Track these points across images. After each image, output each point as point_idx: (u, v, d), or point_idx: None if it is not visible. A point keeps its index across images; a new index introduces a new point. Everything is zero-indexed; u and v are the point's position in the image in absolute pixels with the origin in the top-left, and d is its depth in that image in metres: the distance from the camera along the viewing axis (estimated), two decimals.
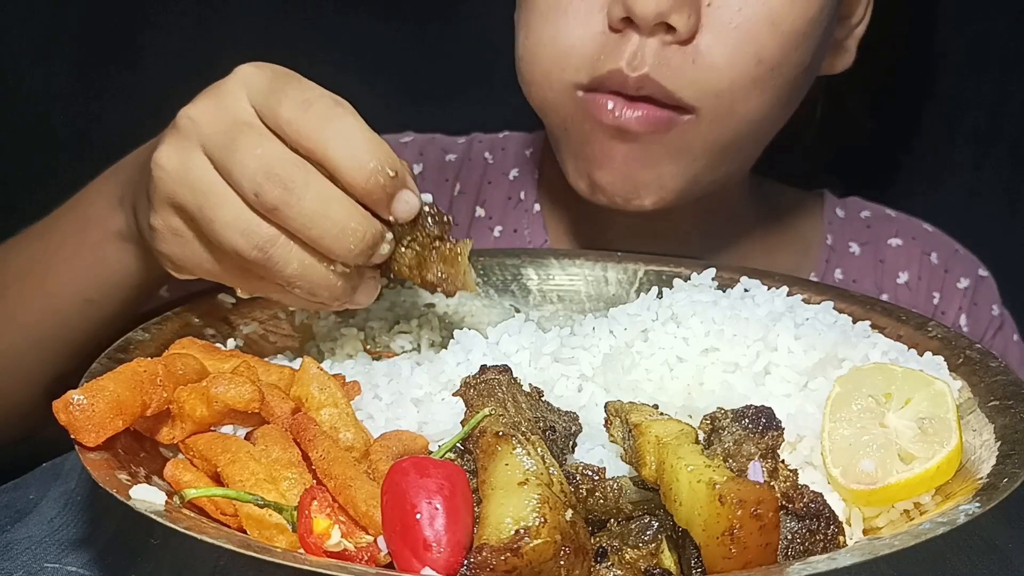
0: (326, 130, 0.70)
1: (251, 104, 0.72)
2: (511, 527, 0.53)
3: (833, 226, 1.18)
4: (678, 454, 0.58)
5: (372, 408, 0.74)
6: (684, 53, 0.88)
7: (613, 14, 0.88)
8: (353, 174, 0.70)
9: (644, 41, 0.88)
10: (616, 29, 0.89)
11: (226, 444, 0.65)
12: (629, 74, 0.88)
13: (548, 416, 0.66)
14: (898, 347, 0.77)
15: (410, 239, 0.76)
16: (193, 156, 0.72)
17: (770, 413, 0.61)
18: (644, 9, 0.86)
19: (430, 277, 0.76)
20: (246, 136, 0.71)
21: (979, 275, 1.17)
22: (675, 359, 0.73)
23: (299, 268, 0.72)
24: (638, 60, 0.88)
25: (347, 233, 0.71)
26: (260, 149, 0.70)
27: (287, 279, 0.72)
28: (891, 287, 1.15)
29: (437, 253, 0.76)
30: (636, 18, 0.87)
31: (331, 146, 0.70)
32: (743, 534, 0.53)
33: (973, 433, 0.68)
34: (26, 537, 0.68)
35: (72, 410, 0.62)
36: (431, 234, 0.76)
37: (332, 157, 0.70)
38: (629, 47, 0.88)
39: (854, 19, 1.02)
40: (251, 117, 0.72)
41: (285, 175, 0.70)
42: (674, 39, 0.88)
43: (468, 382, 0.67)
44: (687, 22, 0.87)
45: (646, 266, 0.94)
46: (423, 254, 0.76)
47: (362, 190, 0.71)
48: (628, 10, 0.87)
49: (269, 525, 0.59)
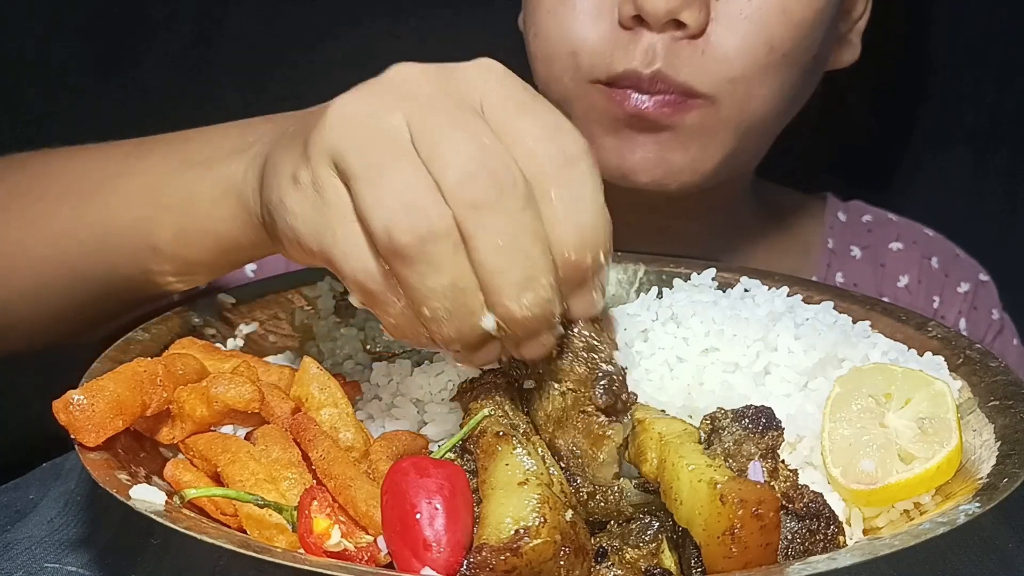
0: (561, 175, 0.59)
1: (482, 96, 0.60)
2: (511, 527, 0.53)
3: (835, 230, 1.18)
4: (680, 452, 0.58)
5: (372, 408, 0.74)
6: (694, 46, 0.90)
7: (624, 12, 0.89)
8: (568, 238, 0.59)
9: (655, 38, 0.89)
10: (627, 27, 0.90)
11: (226, 444, 0.65)
12: (643, 71, 0.90)
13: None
14: (898, 347, 0.77)
15: (569, 388, 0.62)
16: (391, 113, 0.59)
17: (770, 413, 0.61)
18: (655, 7, 0.87)
19: (560, 443, 0.61)
20: (471, 121, 0.58)
21: (979, 280, 1.18)
22: (675, 359, 0.73)
23: (450, 286, 0.57)
24: (650, 57, 0.89)
25: (531, 284, 0.57)
26: (486, 140, 0.57)
27: (429, 291, 0.57)
28: (891, 291, 1.16)
29: (585, 423, 0.61)
30: (647, 16, 0.88)
31: (558, 194, 0.59)
32: (744, 534, 0.53)
33: (973, 433, 0.68)
34: (26, 537, 0.68)
35: (72, 410, 0.62)
36: (596, 402, 0.61)
37: (555, 208, 0.58)
38: (641, 44, 0.90)
39: (855, 13, 1.04)
40: (478, 107, 0.59)
41: (503, 178, 0.56)
42: (684, 35, 0.89)
43: (464, 387, 0.67)
44: (697, 18, 0.88)
45: (646, 266, 0.94)
46: (572, 413, 0.61)
47: (565, 260, 0.59)
48: (639, 8, 0.88)
49: (269, 525, 0.59)
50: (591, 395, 0.62)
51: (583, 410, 0.62)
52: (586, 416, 0.62)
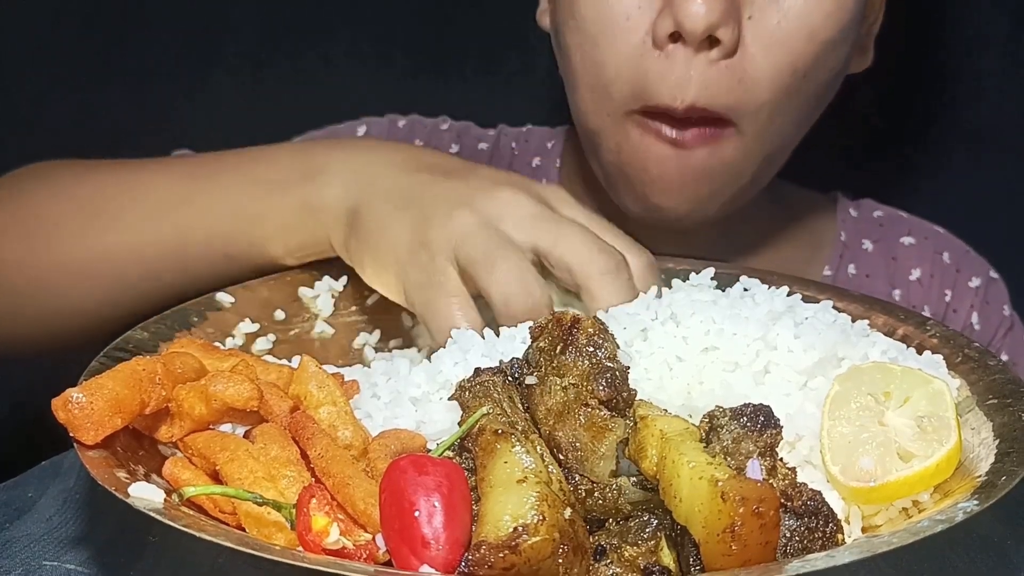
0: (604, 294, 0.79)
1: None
2: (509, 524, 0.53)
3: (846, 224, 1.19)
4: (680, 450, 0.58)
5: (370, 407, 0.74)
6: (731, 71, 0.89)
7: (662, 30, 0.88)
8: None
9: (690, 62, 0.88)
10: (660, 47, 0.89)
11: (225, 442, 0.65)
12: (675, 105, 0.89)
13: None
14: (897, 346, 0.77)
15: (572, 382, 0.64)
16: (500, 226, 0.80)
17: (768, 411, 0.61)
18: (695, 24, 0.86)
19: (560, 436, 0.63)
20: (568, 227, 0.81)
21: (990, 276, 1.18)
22: (674, 358, 0.73)
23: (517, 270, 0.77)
24: (682, 86, 0.89)
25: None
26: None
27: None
28: (904, 283, 1.16)
29: (587, 416, 0.63)
30: (686, 33, 0.86)
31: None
32: (744, 532, 0.53)
33: (972, 431, 0.68)
34: (24, 535, 0.68)
35: (71, 408, 0.62)
36: (598, 395, 0.63)
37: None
38: (675, 71, 0.89)
39: (870, 18, 1.03)
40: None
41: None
42: (719, 54, 0.88)
43: (463, 385, 0.67)
44: (732, 35, 0.87)
45: None
46: (573, 407, 0.63)
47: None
48: (679, 25, 0.86)
49: (268, 523, 0.59)
50: (593, 388, 0.63)
51: (585, 403, 0.63)
52: (588, 409, 0.63)
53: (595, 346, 0.65)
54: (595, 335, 0.65)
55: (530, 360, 0.67)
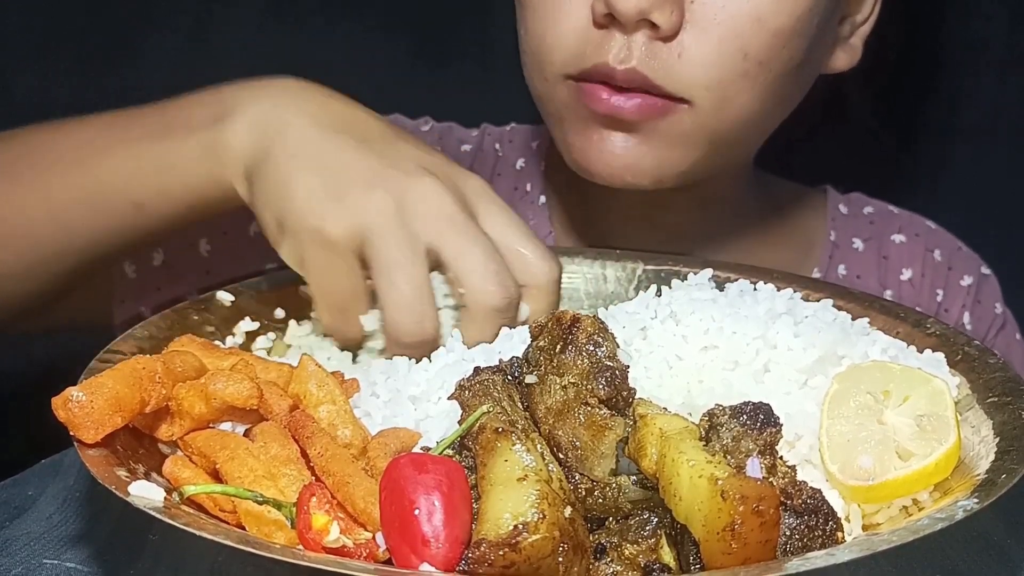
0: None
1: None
2: (509, 522, 0.53)
3: (836, 222, 1.18)
4: (680, 448, 0.58)
5: (370, 405, 0.74)
6: (669, 49, 0.89)
7: (596, 10, 0.89)
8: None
9: (629, 37, 0.89)
10: (600, 25, 0.90)
11: (225, 441, 0.65)
12: (616, 67, 0.89)
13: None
14: (897, 344, 0.77)
15: (572, 381, 0.64)
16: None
17: (768, 409, 0.61)
18: (625, 7, 0.86)
19: (560, 435, 0.63)
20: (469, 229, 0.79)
21: (982, 273, 1.18)
22: (674, 357, 0.73)
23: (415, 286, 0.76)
24: (624, 54, 0.89)
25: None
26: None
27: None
28: (895, 283, 1.16)
29: (587, 414, 0.62)
30: (618, 15, 0.87)
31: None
32: (744, 530, 0.53)
33: (971, 429, 0.68)
34: (24, 533, 0.68)
35: (71, 407, 0.62)
36: (598, 394, 0.63)
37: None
38: (615, 43, 0.89)
39: (859, 16, 1.02)
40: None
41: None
42: (657, 36, 0.88)
43: (462, 384, 0.67)
44: (669, 19, 0.87)
45: (645, 264, 0.94)
46: (573, 405, 0.63)
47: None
48: (610, 7, 0.87)
49: (268, 521, 0.59)
50: (593, 387, 0.63)
51: (585, 402, 0.63)
52: (588, 408, 0.62)
53: (595, 345, 0.65)
54: (595, 334, 0.65)
55: (530, 359, 0.67)
